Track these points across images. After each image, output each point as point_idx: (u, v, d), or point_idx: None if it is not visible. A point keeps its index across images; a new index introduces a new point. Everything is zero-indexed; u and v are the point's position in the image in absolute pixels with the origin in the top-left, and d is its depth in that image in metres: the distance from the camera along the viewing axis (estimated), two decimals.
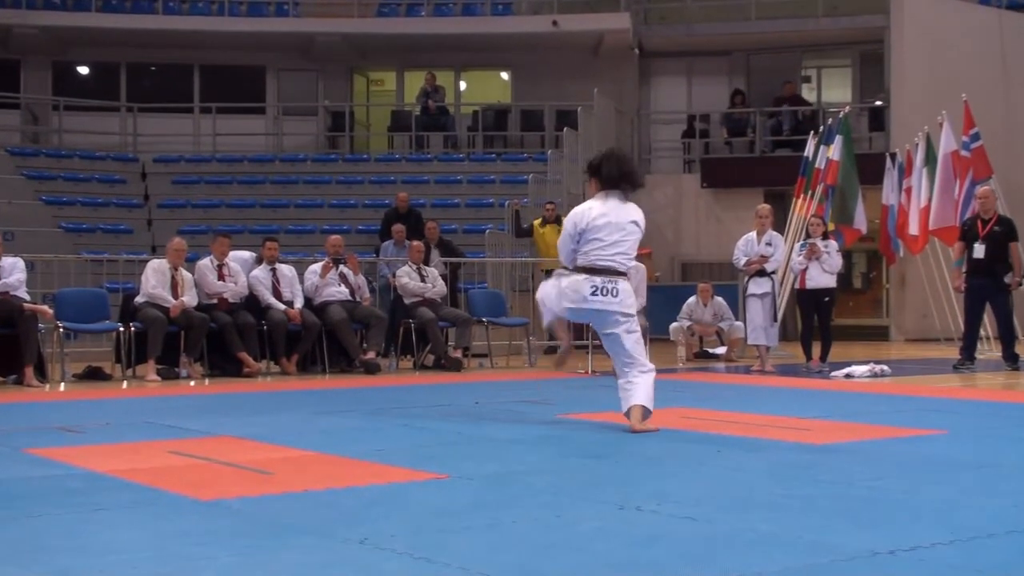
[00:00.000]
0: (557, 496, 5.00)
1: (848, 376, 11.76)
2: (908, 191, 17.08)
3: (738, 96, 23.53)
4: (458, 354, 13.91)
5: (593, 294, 7.07)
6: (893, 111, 21.24)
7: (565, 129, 20.06)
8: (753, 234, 13.12)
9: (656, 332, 13.74)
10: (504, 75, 25.33)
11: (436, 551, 3.88)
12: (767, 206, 13.72)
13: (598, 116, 20.90)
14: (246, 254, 13.55)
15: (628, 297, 7.17)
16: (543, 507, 4.74)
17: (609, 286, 7.09)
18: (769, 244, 12.95)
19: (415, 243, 14.16)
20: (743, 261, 13.08)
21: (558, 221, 16.58)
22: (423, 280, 13.72)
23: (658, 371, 12.64)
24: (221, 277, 12.62)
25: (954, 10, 21.57)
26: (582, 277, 7.13)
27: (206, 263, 12.67)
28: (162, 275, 12.20)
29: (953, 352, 13.29)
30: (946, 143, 15.94)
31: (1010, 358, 12.67)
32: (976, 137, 15.92)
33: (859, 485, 5.24)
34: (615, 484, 5.29)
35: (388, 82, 25.94)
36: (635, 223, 7.40)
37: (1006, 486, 5.26)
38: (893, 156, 18.17)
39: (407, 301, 13.59)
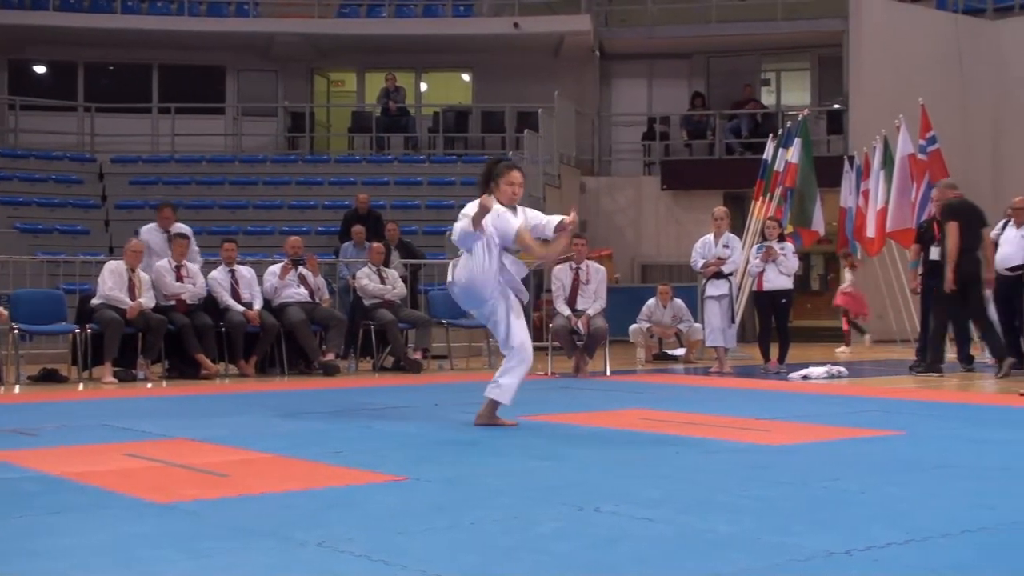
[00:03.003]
0: (516, 498, 5.00)
1: (805, 378, 11.84)
2: (866, 194, 17.21)
3: (698, 99, 23.64)
4: (418, 356, 13.89)
5: None
6: (851, 114, 21.42)
7: (526, 131, 20.06)
8: (710, 236, 13.19)
9: (615, 333, 13.78)
10: (465, 76, 25.34)
11: (394, 553, 3.88)
12: (723, 208, 13.80)
13: (559, 118, 20.93)
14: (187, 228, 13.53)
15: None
16: (502, 509, 4.74)
17: None
18: (726, 246, 13.03)
19: (375, 245, 14.13)
20: (700, 263, 13.15)
21: None
22: (383, 282, 13.69)
23: (618, 373, 12.83)
24: (179, 278, 12.55)
25: (911, 14, 21.78)
26: None
27: (164, 264, 12.60)
28: (119, 276, 12.12)
29: (909, 353, 13.39)
30: (903, 146, 16.07)
31: (964, 359, 12.79)
32: (933, 140, 16.07)
33: (816, 486, 5.28)
34: (575, 486, 5.30)
35: (348, 83, 25.89)
36: None
37: (961, 486, 5.31)
38: (851, 159, 18.32)
39: (367, 303, 13.56)
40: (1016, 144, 21.05)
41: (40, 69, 24.74)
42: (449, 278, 7.62)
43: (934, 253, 12.63)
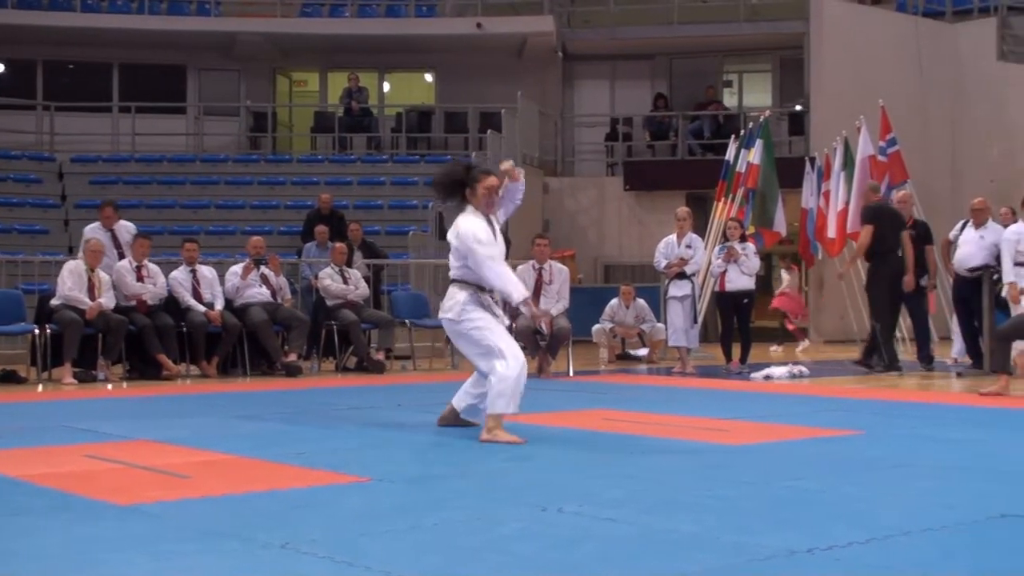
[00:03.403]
0: (479, 498, 5.00)
1: (767, 377, 11.90)
2: (826, 195, 17.27)
3: (660, 99, 23.71)
4: (380, 356, 13.85)
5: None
6: (812, 116, 21.51)
7: (489, 131, 20.07)
8: (673, 237, 13.25)
9: (578, 334, 13.80)
10: (428, 77, 25.30)
11: (358, 554, 3.87)
12: (686, 209, 13.88)
13: (522, 118, 20.94)
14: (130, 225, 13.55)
15: (449, 300, 7.11)
16: (465, 509, 4.74)
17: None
18: (689, 247, 13.09)
19: (338, 245, 14.08)
20: (663, 264, 13.20)
21: None
22: (345, 282, 13.64)
23: (581, 373, 12.84)
24: (140, 278, 12.46)
25: (872, 17, 21.93)
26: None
27: (124, 264, 12.51)
28: (79, 276, 12.01)
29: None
30: (863, 148, 16.15)
31: (925, 359, 12.90)
32: (893, 142, 16.17)
33: (778, 485, 5.31)
34: (538, 486, 5.30)
35: (311, 82, 25.80)
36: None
37: (921, 485, 5.35)
38: (812, 160, 18.39)
39: (329, 303, 13.51)
40: (974, 145, 21.24)
41: None
42: (453, 314, 7.07)
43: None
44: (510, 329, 7.31)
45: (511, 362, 6.80)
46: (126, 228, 13.32)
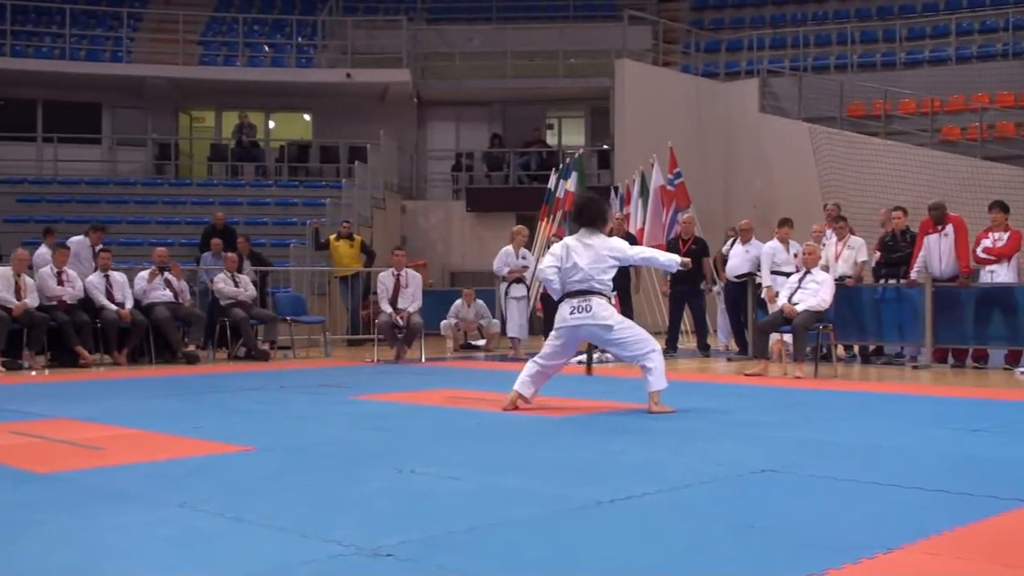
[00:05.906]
0: (345, 462, 4.96)
1: (580, 362, 12.02)
2: (627, 216, 17.56)
3: (496, 138, 23.82)
4: (266, 346, 13.59)
5: (571, 314, 7.06)
6: (616, 153, 21.83)
7: (356, 162, 19.87)
8: (511, 248, 13.39)
9: (429, 328, 13.77)
10: (306, 116, 24.92)
11: (244, 511, 3.80)
12: (525, 227, 14.02)
13: (384, 152, 20.82)
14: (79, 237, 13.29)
15: (603, 310, 7.04)
16: (334, 471, 4.69)
17: (583, 304, 7.03)
18: (524, 257, 13.32)
19: (230, 254, 13.80)
20: (506, 270, 13.37)
21: (350, 237, 16.41)
22: (236, 285, 13.36)
23: (431, 359, 12.81)
24: (60, 282, 12.00)
25: (662, 76, 22.38)
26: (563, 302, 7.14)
27: (47, 270, 12.03)
28: (6, 280, 11.52)
29: (660, 342, 13.75)
30: (656, 179, 16.51)
31: (703, 347, 13.24)
32: (679, 175, 16.56)
33: (587, 448, 5.38)
34: (395, 453, 5.28)
35: (208, 119, 25.15)
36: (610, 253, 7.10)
37: (698, 447, 5.48)
38: (616, 189, 18.69)
39: (223, 303, 13.22)
40: (740, 178, 21.83)
41: None
42: (608, 320, 7.06)
43: None
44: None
45: (531, 365, 7.22)
46: (83, 244, 13.20)
